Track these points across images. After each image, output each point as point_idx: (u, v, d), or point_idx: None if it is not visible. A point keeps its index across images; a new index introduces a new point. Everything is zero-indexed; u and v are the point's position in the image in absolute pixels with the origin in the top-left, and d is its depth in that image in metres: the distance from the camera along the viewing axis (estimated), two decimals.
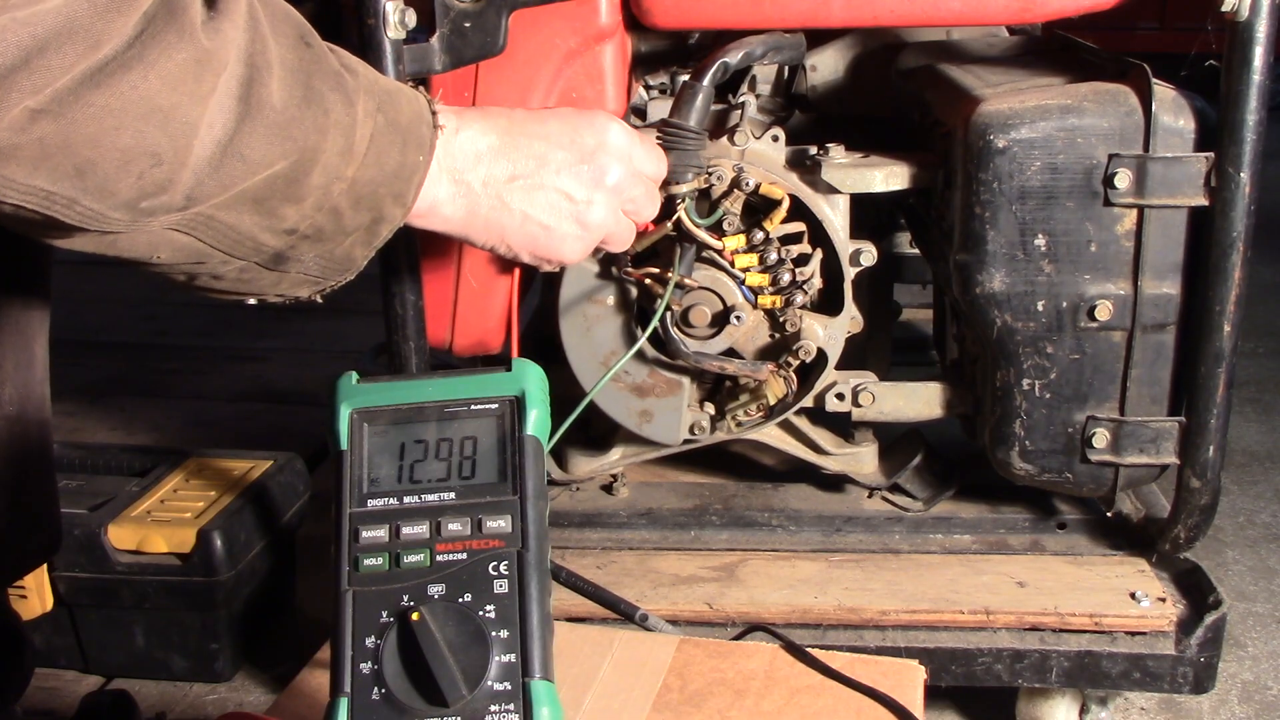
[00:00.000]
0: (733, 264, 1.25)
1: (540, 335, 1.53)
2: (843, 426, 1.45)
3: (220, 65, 0.66)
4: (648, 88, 1.46)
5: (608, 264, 1.28)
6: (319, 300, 0.85)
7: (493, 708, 0.70)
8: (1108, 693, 1.34)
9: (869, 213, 1.37)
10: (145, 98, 0.63)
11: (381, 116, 0.78)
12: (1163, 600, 1.27)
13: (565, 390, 1.24)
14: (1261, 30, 1.10)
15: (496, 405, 0.77)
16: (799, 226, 1.28)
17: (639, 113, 1.40)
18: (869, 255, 1.28)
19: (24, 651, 1.12)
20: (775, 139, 1.29)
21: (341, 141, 0.74)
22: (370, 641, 0.71)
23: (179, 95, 0.64)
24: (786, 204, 1.24)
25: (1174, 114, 1.17)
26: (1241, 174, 1.14)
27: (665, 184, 1.18)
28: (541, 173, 0.89)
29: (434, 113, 0.84)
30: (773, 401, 1.31)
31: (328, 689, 0.71)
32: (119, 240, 0.69)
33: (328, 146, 0.73)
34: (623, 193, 0.95)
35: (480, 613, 0.71)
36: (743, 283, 1.26)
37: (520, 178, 0.88)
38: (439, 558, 0.73)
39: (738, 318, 1.26)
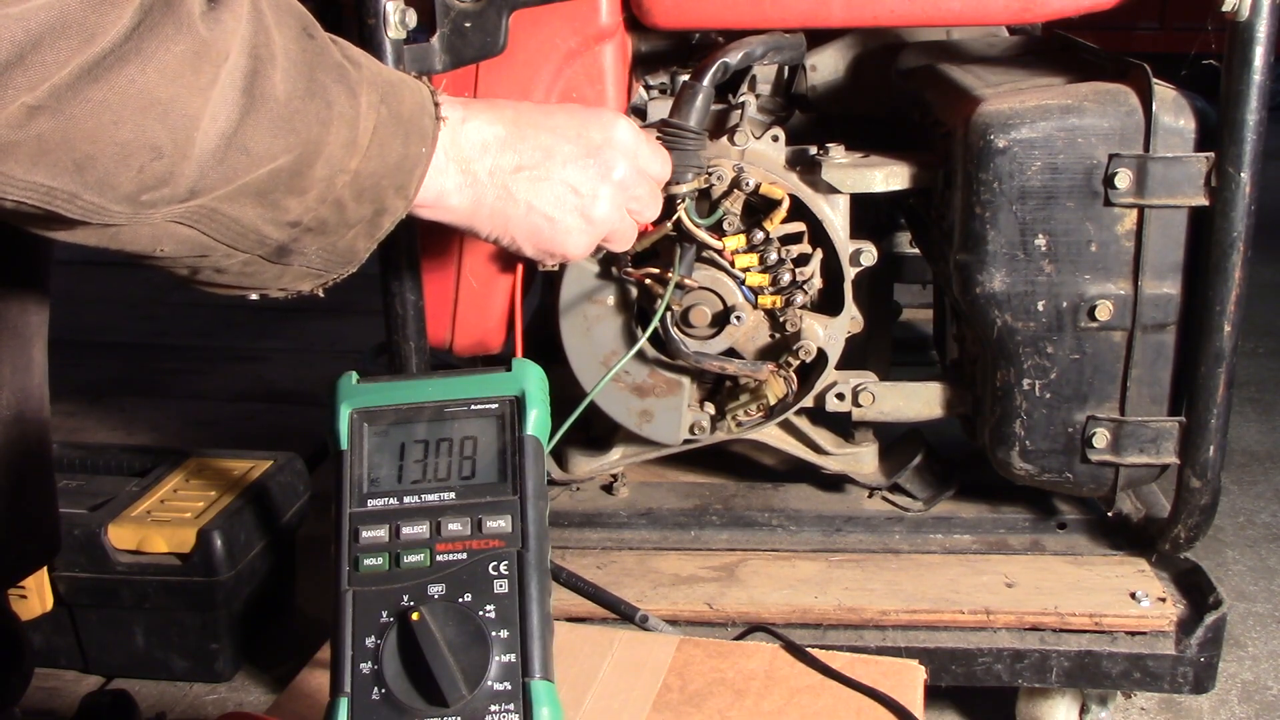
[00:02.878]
0: (733, 264, 1.25)
1: (540, 335, 1.53)
2: (843, 426, 1.45)
3: (220, 56, 0.66)
4: (648, 88, 1.46)
5: (608, 264, 1.28)
6: (320, 294, 0.84)
7: (493, 708, 0.70)
8: (1108, 692, 1.34)
9: (869, 213, 1.37)
10: (143, 91, 0.62)
11: (384, 108, 0.77)
12: (1163, 600, 1.27)
13: (565, 390, 1.24)
14: (1261, 30, 1.10)
15: (496, 405, 0.77)
16: (799, 226, 1.28)
17: (639, 113, 1.40)
18: (869, 255, 1.28)
19: (23, 653, 1.12)
20: (775, 139, 1.29)
21: (345, 134, 0.74)
22: (370, 641, 0.71)
23: (178, 87, 0.64)
24: (786, 204, 1.24)
25: (1174, 114, 1.17)
26: (1242, 174, 1.14)
27: (665, 184, 1.18)
28: (548, 164, 0.89)
29: (436, 104, 0.83)
30: (773, 401, 1.31)
31: (328, 689, 0.71)
32: (121, 233, 0.68)
33: (331, 139, 0.73)
34: (627, 189, 0.95)
35: (480, 613, 0.71)
36: (743, 283, 1.26)
37: (526, 168, 0.88)
38: (439, 558, 0.72)
39: (738, 318, 1.26)
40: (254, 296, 0.82)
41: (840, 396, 1.35)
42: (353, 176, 0.76)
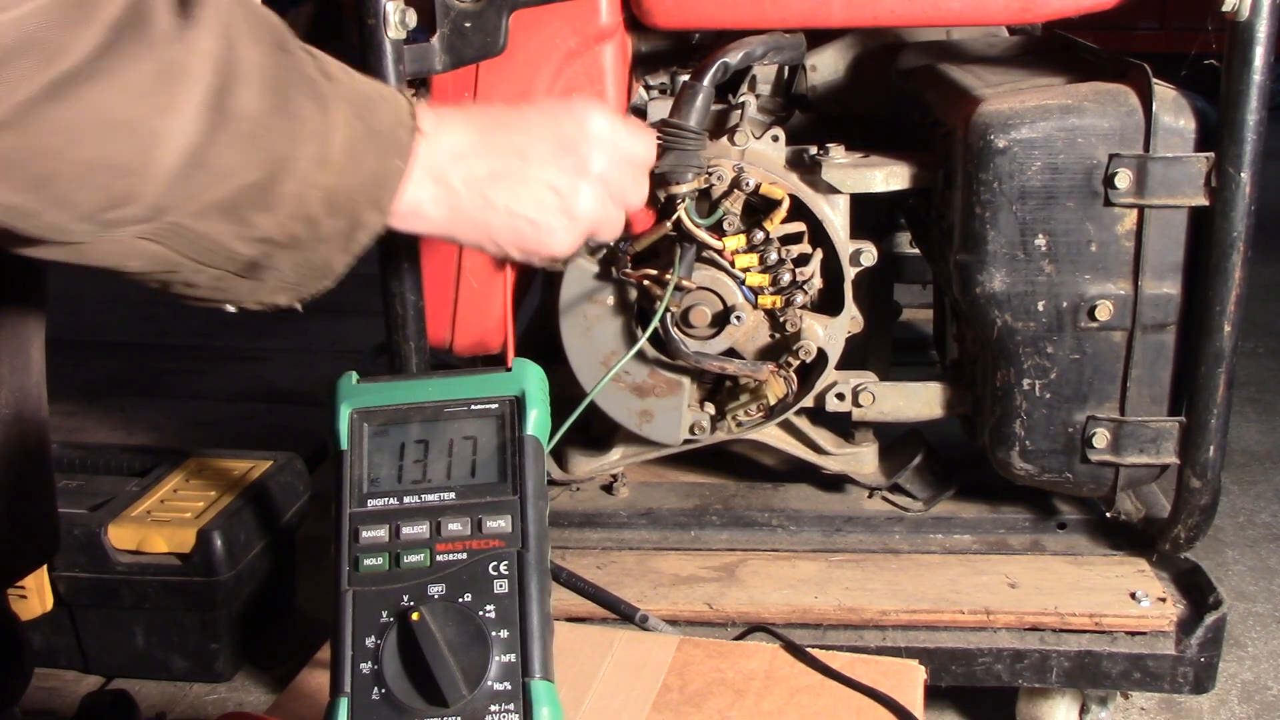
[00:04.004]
0: (733, 264, 1.25)
1: (540, 335, 1.53)
2: (843, 426, 1.45)
3: (188, 75, 0.65)
4: (648, 88, 1.46)
5: (607, 264, 1.28)
6: (299, 307, 0.83)
7: (493, 708, 0.70)
8: (1108, 693, 1.34)
9: (869, 213, 1.37)
10: (107, 110, 0.62)
11: (359, 124, 0.77)
12: (1163, 600, 1.27)
13: (565, 390, 1.24)
14: (1261, 30, 1.10)
15: (496, 405, 0.77)
16: (799, 226, 1.28)
17: (639, 113, 1.40)
18: (869, 255, 1.28)
19: (23, 654, 1.12)
20: (775, 139, 1.29)
21: (315, 150, 0.73)
22: (370, 641, 0.71)
23: (143, 107, 0.63)
24: (786, 204, 1.24)
25: (1174, 114, 1.17)
26: (1242, 174, 1.14)
27: (665, 184, 1.18)
28: (523, 167, 0.88)
29: (414, 116, 0.82)
30: (773, 401, 1.31)
31: (328, 689, 0.71)
32: (85, 250, 0.68)
33: (301, 155, 0.72)
34: (609, 180, 0.93)
35: (480, 613, 0.71)
36: (743, 283, 1.26)
37: (503, 174, 0.87)
38: (439, 558, 0.72)
39: (738, 318, 1.26)
40: (230, 309, 0.81)
41: (840, 396, 1.35)
42: (326, 192, 0.75)
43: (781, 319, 1.28)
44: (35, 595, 1.48)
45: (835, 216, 1.28)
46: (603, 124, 0.92)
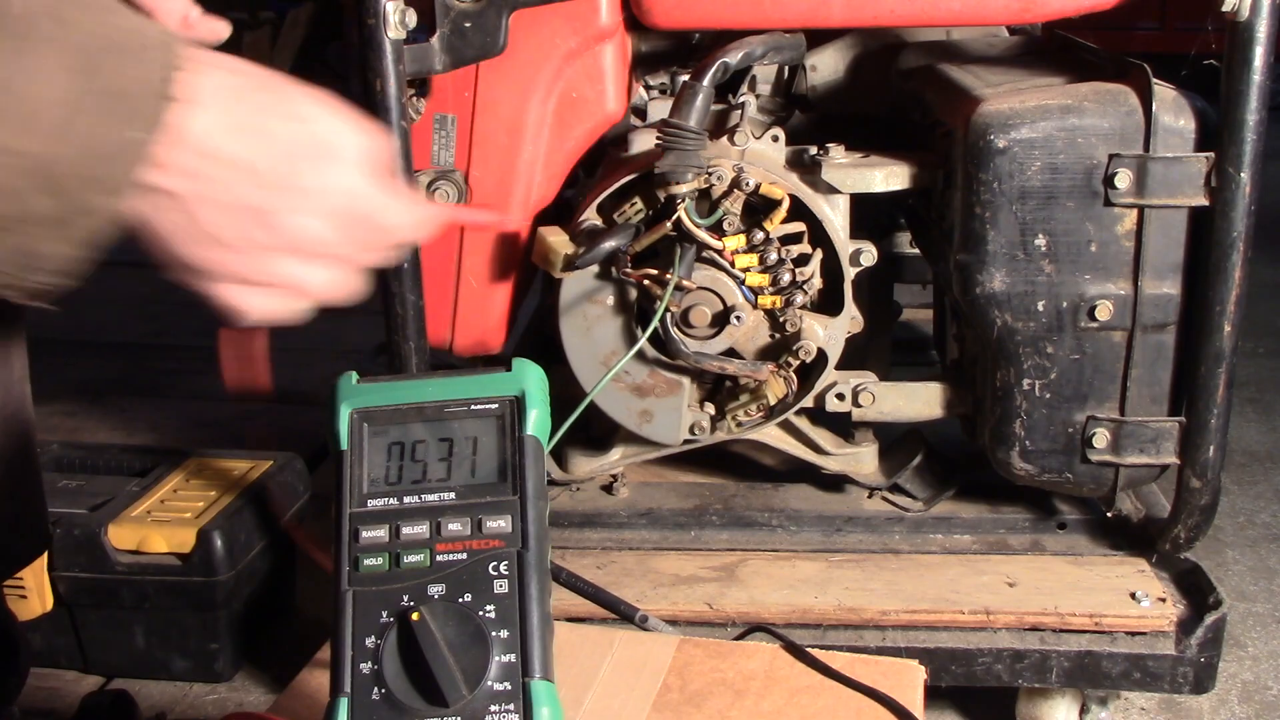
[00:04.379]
0: (733, 264, 1.25)
1: (540, 335, 1.53)
2: (843, 426, 1.45)
3: None
4: (648, 88, 1.46)
5: (608, 265, 1.28)
6: (49, 306, 0.66)
7: (493, 708, 0.69)
8: (1108, 693, 1.34)
9: (869, 213, 1.37)
10: None
11: (85, 79, 0.60)
12: (1163, 600, 1.27)
13: (565, 390, 1.24)
14: (1261, 30, 1.10)
15: (496, 405, 0.77)
16: (799, 226, 1.28)
17: (639, 113, 1.40)
18: (869, 255, 1.28)
19: (20, 653, 1.11)
20: (775, 139, 1.29)
21: (3, 104, 0.59)
22: (370, 641, 0.71)
23: None
24: (786, 204, 1.24)
25: (1174, 114, 1.17)
26: (1242, 174, 1.14)
27: (665, 184, 1.18)
28: (213, 210, 0.67)
29: (169, 80, 0.63)
30: (773, 401, 1.31)
31: (328, 689, 0.71)
32: None
33: None
34: (328, 247, 0.70)
35: (480, 613, 0.71)
36: (743, 283, 1.26)
37: (197, 198, 0.67)
38: (439, 558, 0.72)
39: (738, 318, 1.26)
40: None
41: (840, 396, 1.35)
42: (29, 160, 0.60)
43: (781, 319, 1.28)
44: (35, 595, 1.48)
45: (835, 216, 1.28)
46: (344, 179, 0.70)
